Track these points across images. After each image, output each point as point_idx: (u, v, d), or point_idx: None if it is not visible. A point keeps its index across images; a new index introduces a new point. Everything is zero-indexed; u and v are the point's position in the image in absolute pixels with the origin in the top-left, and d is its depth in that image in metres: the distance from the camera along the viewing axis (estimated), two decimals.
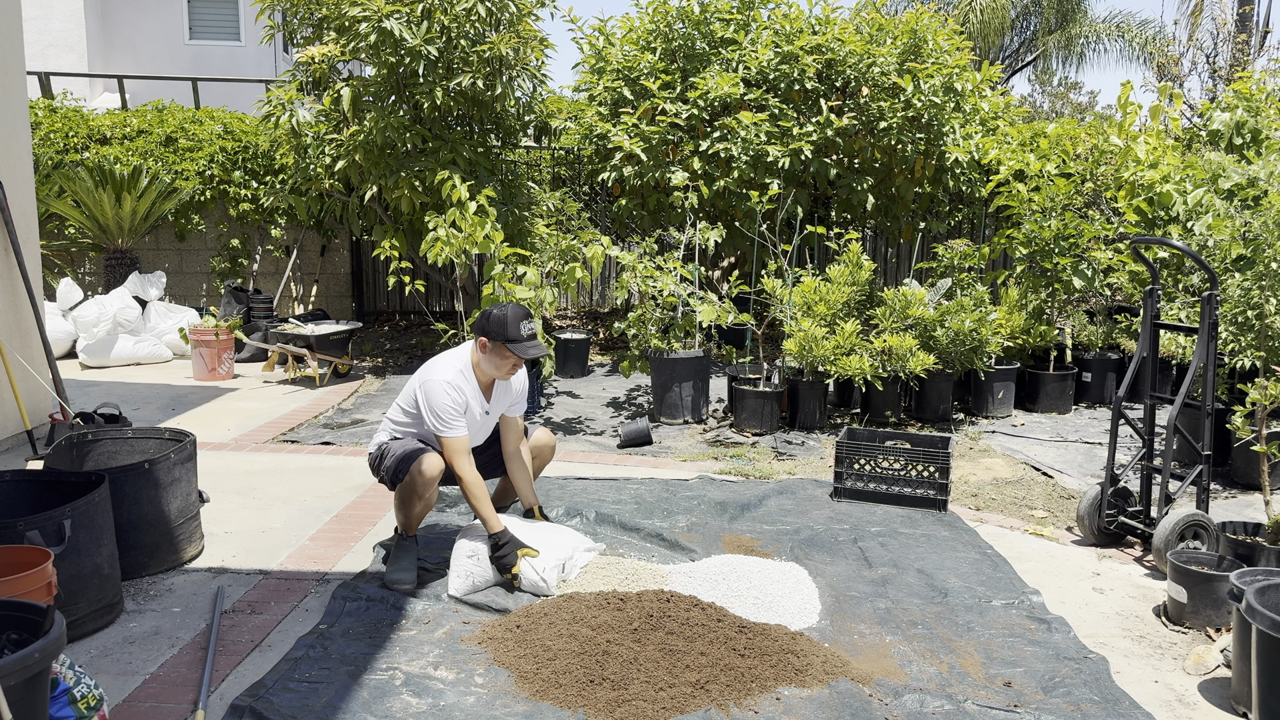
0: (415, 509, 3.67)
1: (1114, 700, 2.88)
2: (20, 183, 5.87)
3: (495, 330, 3.61)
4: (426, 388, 3.61)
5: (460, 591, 3.55)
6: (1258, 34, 16.90)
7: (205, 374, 7.81)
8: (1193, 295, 6.29)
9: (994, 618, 3.46)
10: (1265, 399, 3.74)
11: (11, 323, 5.66)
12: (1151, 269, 4.24)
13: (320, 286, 10.41)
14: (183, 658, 3.07)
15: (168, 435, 4.09)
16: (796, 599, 3.54)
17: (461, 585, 3.56)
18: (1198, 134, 8.10)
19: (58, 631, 2.21)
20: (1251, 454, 5.14)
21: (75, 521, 3.14)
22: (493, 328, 3.61)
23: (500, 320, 3.59)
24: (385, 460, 3.71)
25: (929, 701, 2.83)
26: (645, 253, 6.89)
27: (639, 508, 4.59)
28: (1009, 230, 7.46)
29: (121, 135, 10.06)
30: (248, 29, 17.93)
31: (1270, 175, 5.82)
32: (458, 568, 3.59)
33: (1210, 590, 3.37)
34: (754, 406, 6.25)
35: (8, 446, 5.52)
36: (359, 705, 2.79)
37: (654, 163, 8.26)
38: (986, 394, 6.80)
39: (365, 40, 7.22)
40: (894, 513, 4.65)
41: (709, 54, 8.68)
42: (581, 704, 2.78)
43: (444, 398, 3.58)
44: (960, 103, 8.55)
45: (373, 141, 7.41)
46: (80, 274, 10.00)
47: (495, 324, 3.60)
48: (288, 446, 5.77)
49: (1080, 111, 24.85)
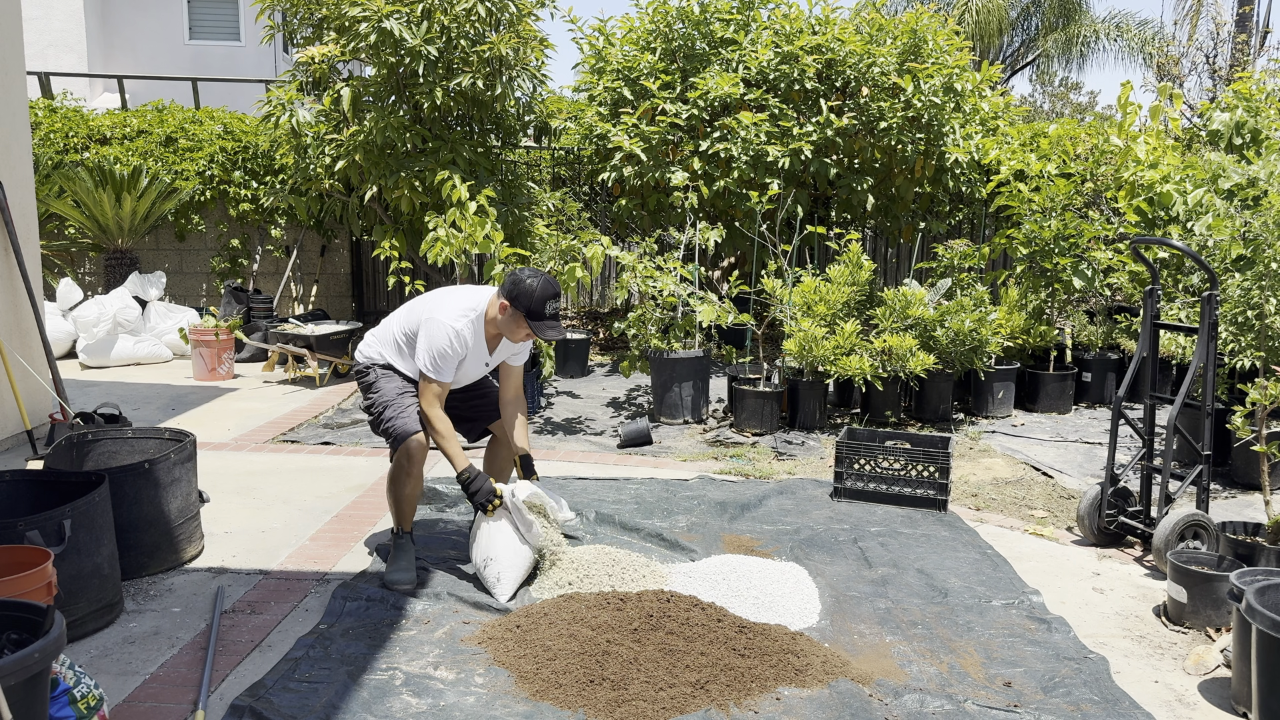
0: (406, 488, 3.66)
1: (1114, 700, 2.88)
2: (20, 183, 5.87)
3: (521, 300, 3.49)
4: (430, 327, 3.53)
5: (511, 591, 3.57)
6: (1258, 34, 16.90)
7: (205, 374, 7.81)
8: (1193, 295, 6.29)
9: (994, 618, 3.46)
10: (1265, 399, 3.74)
11: (11, 323, 5.66)
12: (1151, 269, 4.24)
13: (320, 286, 10.41)
14: (183, 658, 3.07)
15: (168, 435, 4.09)
16: (796, 599, 3.54)
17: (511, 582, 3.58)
18: (1197, 134, 8.10)
19: (58, 631, 2.21)
20: (1251, 454, 5.14)
21: (75, 521, 3.14)
22: (520, 296, 3.49)
23: (529, 293, 3.47)
24: (377, 414, 3.66)
25: (929, 701, 2.83)
26: (645, 253, 6.89)
27: (639, 508, 4.59)
28: (1009, 230, 7.46)
29: (121, 135, 10.05)
30: (248, 29, 17.92)
31: (1270, 175, 5.82)
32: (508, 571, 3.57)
33: (1210, 590, 3.37)
34: (754, 406, 6.25)
35: (8, 446, 5.52)
36: (359, 705, 2.79)
37: (654, 163, 8.26)
38: (986, 394, 6.80)
39: (365, 40, 7.22)
40: (894, 513, 4.65)
41: (709, 54, 8.68)
42: (581, 704, 2.78)
43: (445, 345, 3.51)
44: (960, 103, 8.55)
45: (373, 142, 7.41)
46: (80, 274, 10.00)
47: (524, 294, 3.48)
48: (288, 446, 5.77)
49: (1080, 111, 24.86)
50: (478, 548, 3.64)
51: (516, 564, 3.58)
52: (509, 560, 3.57)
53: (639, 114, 8.29)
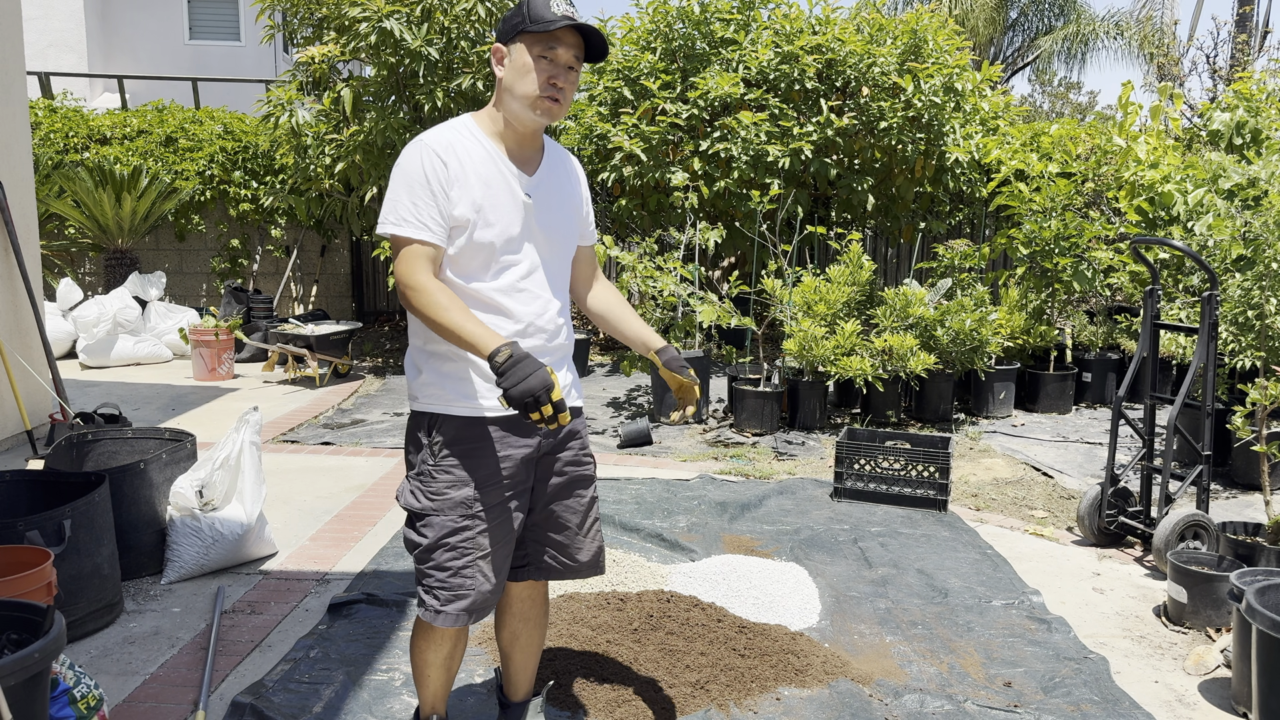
0: (440, 653, 2.26)
1: (1114, 700, 2.88)
2: (20, 183, 5.87)
3: (511, 21, 2.12)
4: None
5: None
6: (1258, 34, 16.90)
7: (205, 374, 7.81)
8: (1193, 295, 6.29)
9: (994, 618, 3.46)
10: (1265, 399, 3.73)
11: (11, 323, 5.66)
12: (1152, 269, 4.24)
13: (320, 286, 10.41)
14: (183, 658, 3.07)
15: (168, 435, 4.08)
16: (796, 599, 3.53)
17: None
18: (1198, 134, 8.10)
19: (57, 631, 2.21)
20: (1251, 454, 5.14)
21: (75, 521, 3.14)
22: (509, 17, 2.14)
23: (519, 6, 2.12)
24: (420, 540, 2.16)
25: (929, 702, 2.83)
26: (645, 253, 6.89)
27: (639, 508, 4.59)
28: (1009, 230, 7.46)
29: (121, 135, 10.06)
30: (248, 29, 17.92)
31: (1270, 175, 5.82)
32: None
33: (1210, 590, 3.37)
34: (754, 406, 6.25)
35: (8, 446, 5.52)
36: (359, 705, 2.78)
37: (654, 163, 8.26)
38: (987, 394, 6.80)
39: (365, 40, 7.22)
40: (894, 513, 4.65)
41: (709, 54, 8.68)
42: (581, 704, 2.78)
43: (412, 162, 2.07)
44: (960, 103, 8.55)
45: (373, 142, 7.41)
46: (80, 274, 10.00)
47: (512, 13, 2.13)
48: (288, 446, 5.77)
49: (1080, 111, 24.84)
50: None
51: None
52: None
53: (639, 114, 8.29)
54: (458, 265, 2.12)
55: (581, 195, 2.36)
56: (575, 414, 2.34)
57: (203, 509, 3.67)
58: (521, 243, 2.17)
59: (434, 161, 2.07)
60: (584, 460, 2.34)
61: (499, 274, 2.15)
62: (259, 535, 3.81)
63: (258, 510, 3.78)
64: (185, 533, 3.65)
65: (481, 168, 2.12)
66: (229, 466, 3.75)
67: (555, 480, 2.29)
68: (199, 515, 3.67)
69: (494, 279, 2.14)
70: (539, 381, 1.92)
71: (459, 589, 2.13)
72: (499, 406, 2.14)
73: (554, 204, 2.23)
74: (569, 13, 2.07)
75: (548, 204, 2.21)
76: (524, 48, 2.09)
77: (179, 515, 3.67)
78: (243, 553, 3.77)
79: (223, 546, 3.69)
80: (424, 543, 2.14)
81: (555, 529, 2.31)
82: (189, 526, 3.65)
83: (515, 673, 2.46)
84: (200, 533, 3.65)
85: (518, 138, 2.17)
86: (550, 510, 2.30)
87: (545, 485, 2.28)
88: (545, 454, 2.26)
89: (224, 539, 3.69)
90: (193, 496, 3.64)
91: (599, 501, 2.42)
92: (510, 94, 2.12)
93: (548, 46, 2.08)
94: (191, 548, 3.64)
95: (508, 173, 2.15)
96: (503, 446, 2.16)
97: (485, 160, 2.13)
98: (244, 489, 3.78)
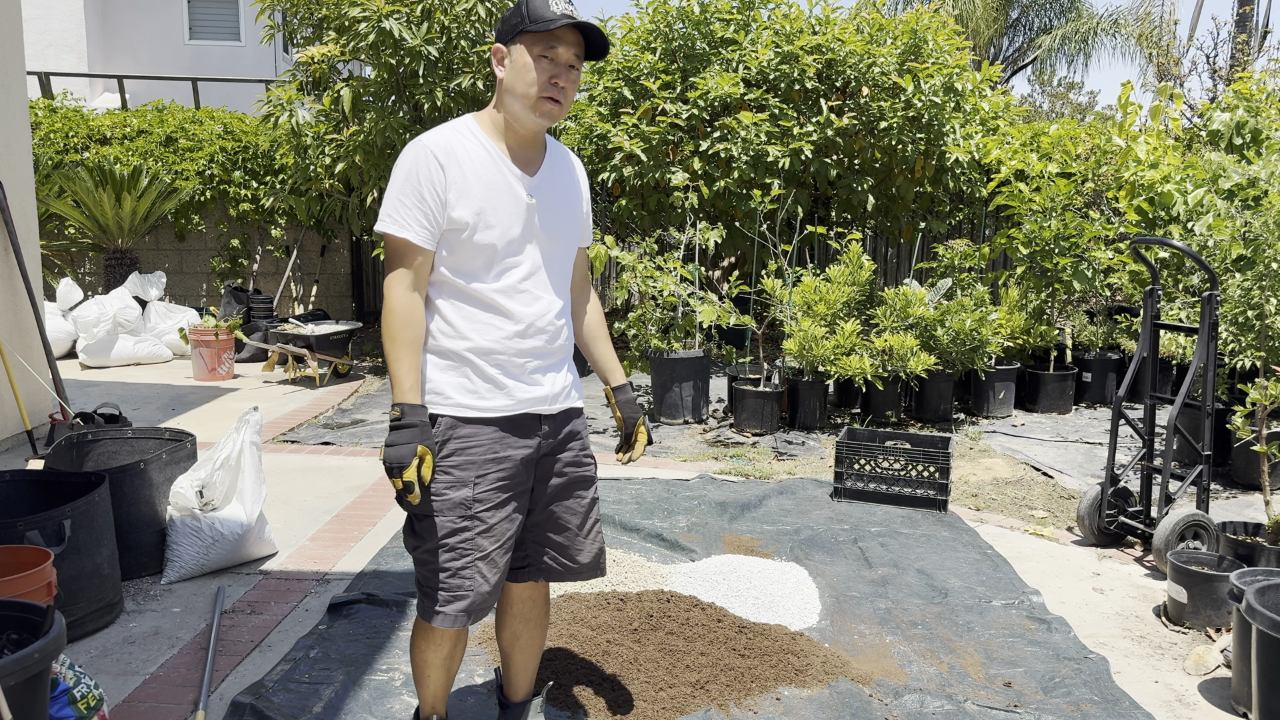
0: (440, 653, 2.26)
1: (1114, 700, 2.88)
2: (20, 183, 5.87)
3: (511, 21, 2.11)
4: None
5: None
6: (1258, 34, 16.90)
7: (205, 374, 7.81)
8: (1193, 295, 6.28)
9: (994, 618, 3.46)
10: (1265, 399, 3.73)
11: (11, 323, 5.66)
12: (1152, 269, 4.24)
13: (320, 286, 10.41)
14: (183, 658, 3.07)
15: (168, 435, 4.08)
16: (796, 599, 3.53)
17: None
18: (1198, 134, 8.10)
19: (57, 631, 2.21)
20: (1251, 454, 5.14)
21: (75, 521, 3.14)
22: (508, 17, 2.13)
23: (518, 6, 2.11)
24: (420, 541, 2.16)
25: (929, 702, 2.83)
26: (645, 253, 6.90)
27: (639, 508, 4.59)
28: (1009, 230, 7.46)
29: (121, 135, 10.06)
30: (248, 29, 17.92)
31: (1270, 175, 5.82)
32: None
33: (1210, 590, 3.37)
34: (754, 406, 6.25)
35: (8, 446, 5.52)
36: (359, 705, 2.78)
37: (654, 163, 8.26)
38: (987, 394, 6.80)
39: (365, 40, 7.22)
40: (894, 513, 4.65)
41: (709, 54, 8.68)
42: (581, 704, 2.78)
43: (408, 163, 2.08)
44: (960, 103, 8.55)
45: (373, 142, 7.41)
46: (80, 274, 10.00)
47: (511, 13, 2.12)
48: (288, 446, 5.77)
49: (1080, 111, 24.84)
50: None
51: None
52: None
53: (639, 114, 8.29)
54: (459, 265, 2.12)
55: (583, 195, 2.35)
56: (575, 414, 2.34)
57: (203, 509, 3.67)
58: (523, 244, 2.17)
59: (430, 164, 2.07)
60: (584, 461, 2.34)
61: (500, 275, 2.15)
62: (259, 535, 3.82)
63: (258, 510, 3.78)
64: (185, 533, 3.65)
65: (482, 170, 2.11)
66: (229, 466, 3.75)
67: (555, 481, 2.28)
68: (199, 515, 3.67)
69: (495, 280, 2.15)
70: (398, 457, 2.01)
71: (458, 590, 2.13)
72: (498, 407, 2.16)
73: (556, 205, 2.23)
74: (569, 11, 2.07)
75: (550, 205, 2.21)
76: (524, 47, 2.08)
77: (179, 515, 3.67)
78: (243, 553, 3.77)
79: (223, 546, 3.69)
80: (423, 543, 2.14)
81: (555, 530, 2.31)
82: (189, 526, 3.65)
83: (515, 673, 2.46)
84: (200, 533, 3.65)
85: (519, 138, 2.17)
86: (550, 511, 2.29)
87: (545, 486, 2.27)
88: (545, 455, 2.25)
89: (224, 539, 3.69)
90: (193, 496, 3.64)
91: (599, 502, 2.40)
92: (511, 94, 2.11)
93: (548, 46, 2.07)
94: (191, 548, 3.64)
95: (509, 174, 2.15)
96: (502, 447, 2.16)
97: (486, 162, 2.13)
98: (244, 489, 3.78)
